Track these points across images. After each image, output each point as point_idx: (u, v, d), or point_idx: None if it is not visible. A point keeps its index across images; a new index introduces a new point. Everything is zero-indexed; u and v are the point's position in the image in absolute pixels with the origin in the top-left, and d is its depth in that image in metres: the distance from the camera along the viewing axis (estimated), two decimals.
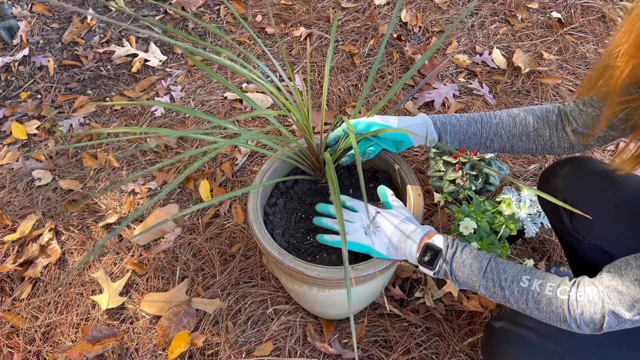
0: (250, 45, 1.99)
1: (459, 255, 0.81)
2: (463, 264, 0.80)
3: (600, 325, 0.70)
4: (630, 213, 0.91)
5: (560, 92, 1.78)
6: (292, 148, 1.03)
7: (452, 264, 0.81)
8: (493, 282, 0.78)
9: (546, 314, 0.74)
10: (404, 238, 0.85)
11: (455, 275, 0.81)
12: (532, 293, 0.74)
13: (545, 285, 0.74)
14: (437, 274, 0.83)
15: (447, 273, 0.82)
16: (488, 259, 0.79)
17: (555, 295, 0.73)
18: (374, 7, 2.09)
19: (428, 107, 1.73)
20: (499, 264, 0.79)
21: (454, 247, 0.82)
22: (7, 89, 1.86)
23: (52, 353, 1.21)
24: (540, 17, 2.06)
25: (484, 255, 0.80)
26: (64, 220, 1.46)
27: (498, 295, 0.78)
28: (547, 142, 0.93)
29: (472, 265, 0.79)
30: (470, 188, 1.31)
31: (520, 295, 0.76)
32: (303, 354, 1.18)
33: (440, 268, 0.82)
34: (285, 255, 0.90)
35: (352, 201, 0.96)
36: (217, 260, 1.36)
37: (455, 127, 0.93)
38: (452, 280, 0.82)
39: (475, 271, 0.79)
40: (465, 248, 0.82)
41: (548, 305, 0.74)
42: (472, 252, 0.81)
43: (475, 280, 0.79)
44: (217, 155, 1.60)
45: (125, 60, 1.95)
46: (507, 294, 0.77)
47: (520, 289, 0.75)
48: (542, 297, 0.74)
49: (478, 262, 0.79)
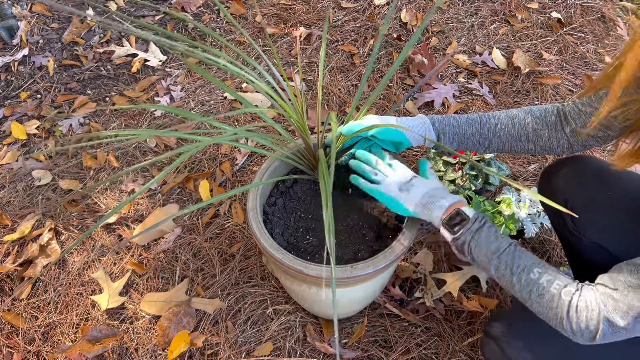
0: (250, 45, 1.99)
1: (484, 230, 0.81)
2: (485, 240, 0.80)
3: (595, 333, 0.71)
4: (631, 211, 0.91)
5: (560, 92, 1.78)
6: (290, 148, 1.03)
7: (474, 235, 0.81)
8: (505, 265, 0.78)
9: (545, 309, 0.75)
10: (436, 199, 0.86)
11: (471, 248, 0.82)
12: (539, 286, 0.75)
13: (552, 282, 0.75)
14: (456, 240, 0.83)
15: (465, 243, 0.82)
16: (509, 243, 0.80)
17: (559, 294, 0.73)
18: (373, 7, 2.09)
19: (428, 107, 1.73)
20: (517, 250, 0.80)
21: (482, 221, 0.82)
22: (7, 88, 1.86)
23: (51, 353, 1.21)
24: (540, 17, 2.06)
25: (507, 239, 0.81)
26: (64, 220, 1.46)
27: (506, 278, 0.79)
28: (546, 143, 0.93)
29: (492, 244, 0.80)
30: (470, 188, 1.31)
31: (527, 285, 0.76)
32: (303, 354, 1.18)
33: (461, 235, 0.82)
34: (284, 255, 0.90)
35: (393, 160, 0.97)
36: (217, 260, 1.36)
37: (454, 128, 0.93)
38: (466, 251, 0.83)
39: (493, 249, 0.80)
40: (491, 227, 0.82)
41: (550, 302, 0.74)
42: (496, 233, 0.82)
43: (491, 258, 0.79)
44: (217, 155, 1.61)
45: (125, 60, 1.95)
46: (515, 280, 0.77)
47: (529, 279, 0.76)
48: (546, 293, 0.74)
49: (498, 242, 0.80)
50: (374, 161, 0.96)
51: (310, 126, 1.16)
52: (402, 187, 0.90)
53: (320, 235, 1.01)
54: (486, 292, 1.27)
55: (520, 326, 0.88)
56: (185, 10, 2.12)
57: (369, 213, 1.04)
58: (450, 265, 1.33)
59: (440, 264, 1.33)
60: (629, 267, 0.71)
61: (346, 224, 1.02)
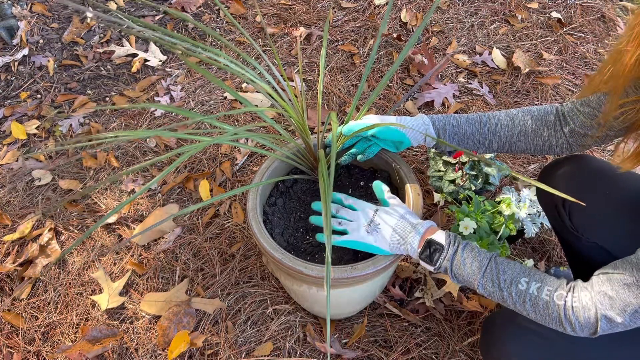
0: (250, 45, 1.99)
1: (460, 253, 0.81)
2: (463, 263, 0.80)
3: (595, 329, 0.71)
4: (629, 211, 0.91)
5: (560, 92, 1.78)
6: (290, 148, 1.03)
7: (452, 261, 0.81)
8: (492, 282, 0.78)
9: (543, 316, 0.75)
10: (406, 233, 0.85)
11: (455, 273, 0.82)
12: (530, 296, 0.75)
13: (542, 289, 0.74)
14: (438, 269, 0.83)
15: (448, 270, 0.82)
16: (488, 259, 0.80)
17: (552, 299, 0.73)
18: (373, 7, 2.09)
19: (428, 107, 1.73)
20: (499, 264, 0.79)
21: (456, 244, 0.82)
22: (7, 88, 1.86)
23: (51, 353, 1.21)
24: (540, 17, 2.06)
25: (485, 254, 0.80)
26: (64, 220, 1.46)
27: (496, 295, 0.78)
28: (546, 143, 0.93)
29: (472, 264, 0.79)
30: (470, 188, 1.31)
31: (518, 297, 0.76)
32: (303, 354, 1.18)
33: (441, 264, 0.82)
34: (284, 255, 0.90)
35: (350, 199, 0.96)
36: (217, 260, 1.36)
37: (454, 128, 0.93)
38: (451, 276, 0.83)
39: (475, 270, 0.79)
40: (467, 246, 0.82)
41: (545, 309, 0.74)
42: (473, 251, 0.81)
43: (474, 279, 0.79)
44: (217, 155, 1.61)
45: (125, 60, 1.95)
46: (505, 295, 0.77)
47: (519, 291, 0.76)
48: (539, 301, 0.74)
49: (478, 261, 0.79)
50: (334, 210, 0.94)
51: (310, 126, 1.16)
52: (369, 230, 0.88)
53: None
54: None
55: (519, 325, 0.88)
56: (185, 10, 2.12)
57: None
58: None
59: None
60: (624, 264, 0.71)
61: None
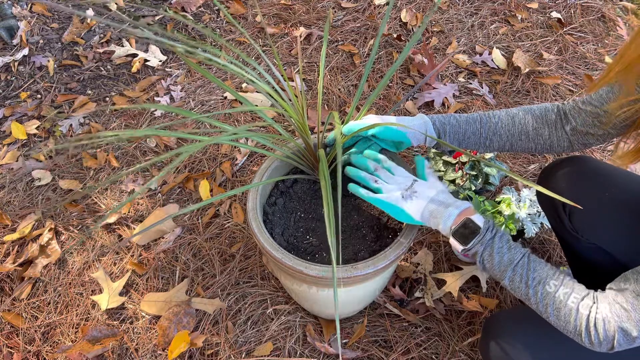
0: (250, 45, 1.99)
1: (497, 241, 0.79)
2: (497, 252, 0.78)
3: (612, 344, 0.69)
4: (629, 212, 0.91)
5: (560, 92, 1.78)
6: (290, 148, 1.03)
7: (486, 247, 0.79)
8: (520, 278, 0.76)
9: (564, 323, 0.73)
10: (444, 207, 0.83)
11: (484, 259, 0.80)
12: (555, 300, 0.73)
13: (569, 296, 0.73)
14: (467, 251, 0.81)
15: (477, 254, 0.80)
16: (522, 254, 0.78)
17: (577, 308, 0.72)
18: (373, 7, 2.09)
19: (428, 107, 1.73)
20: (531, 261, 0.77)
21: (494, 231, 0.80)
22: (7, 89, 1.86)
23: (51, 353, 1.21)
24: (540, 17, 2.06)
25: (519, 248, 0.79)
26: (64, 220, 1.46)
27: (521, 291, 0.77)
28: (547, 142, 0.93)
29: (504, 256, 0.78)
30: (470, 188, 1.31)
31: (543, 298, 0.75)
32: (303, 354, 1.18)
33: (473, 247, 0.80)
34: (284, 254, 0.90)
35: (390, 162, 0.93)
36: (217, 260, 1.36)
37: (455, 127, 0.93)
38: (478, 262, 0.80)
39: (506, 262, 0.77)
40: (503, 237, 0.80)
41: (567, 316, 0.73)
42: (508, 242, 0.79)
43: (503, 270, 0.78)
44: (217, 155, 1.61)
45: (125, 60, 1.95)
46: (531, 293, 0.76)
47: (545, 292, 0.74)
48: (564, 307, 0.73)
49: (512, 253, 0.78)
50: (372, 167, 0.92)
51: (310, 126, 1.16)
52: (404, 195, 0.86)
53: (321, 235, 1.01)
54: (486, 292, 1.27)
55: (520, 325, 0.88)
56: (185, 10, 2.12)
57: (369, 213, 1.04)
58: (450, 265, 1.33)
59: (440, 264, 1.33)
60: (635, 275, 0.70)
61: (346, 224, 1.02)
